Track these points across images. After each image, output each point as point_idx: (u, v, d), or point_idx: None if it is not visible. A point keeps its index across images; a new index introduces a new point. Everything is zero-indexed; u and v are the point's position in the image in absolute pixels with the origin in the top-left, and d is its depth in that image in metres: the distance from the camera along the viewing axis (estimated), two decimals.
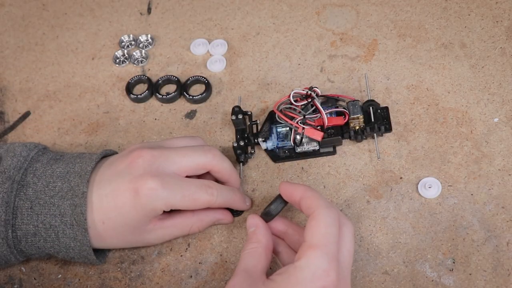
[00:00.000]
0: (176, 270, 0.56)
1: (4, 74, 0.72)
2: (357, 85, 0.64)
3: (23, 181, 0.53)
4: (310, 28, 0.69)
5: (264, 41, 0.69)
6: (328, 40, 0.68)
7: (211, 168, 0.54)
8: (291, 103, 0.59)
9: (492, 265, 0.52)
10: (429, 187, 0.56)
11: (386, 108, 0.60)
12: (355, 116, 0.59)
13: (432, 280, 0.52)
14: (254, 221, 0.51)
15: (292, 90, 0.59)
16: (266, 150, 0.61)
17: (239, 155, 0.59)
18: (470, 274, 0.52)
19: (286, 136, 0.61)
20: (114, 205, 0.52)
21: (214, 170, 0.55)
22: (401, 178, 0.57)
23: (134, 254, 0.57)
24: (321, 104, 0.60)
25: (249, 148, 0.61)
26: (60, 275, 0.57)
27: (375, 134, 0.59)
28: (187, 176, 0.54)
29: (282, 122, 0.59)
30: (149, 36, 0.72)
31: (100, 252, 0.56)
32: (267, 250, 0.50)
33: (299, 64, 0.67)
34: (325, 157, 0.60)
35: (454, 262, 0.52)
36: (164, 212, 0.53)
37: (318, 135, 0.58)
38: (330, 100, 0.61)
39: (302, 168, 0.60)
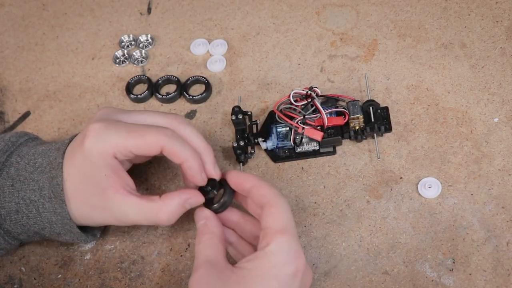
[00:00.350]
0: (176, 270, 0.56)
1: (4, 74, 0.72)
2: (357, 85, 0.64)
3: (7, 162, 0.53)
4: (310, 28, 0.69)
5: (264, 41, 0.69)
6: (328, 40, 0.68)
7: (173, 129, 0.51)
8: (291, 103, 0.59)
9: (492, 265, 0.52)
10: (429, 187, 0.56)
11: (386, 108, 0.60)
12: (355, 116, 0.59)
13: (432, 280, 0.52)
14: (203, 214, 0.50)
15: (292, 90, 0.59)
16: (266, 150, 0.61)
17: (239, 155, 0.59)
18: (470, 274, 0.52)
19: (286, 136, 0.61)
20: (72, 160, 0.50)
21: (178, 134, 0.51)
22: (401, 178, 0.57)
23: (134, 254, 0.57)
24: (321, 104, 0.60)
25: (249, 148, 0.61)
26: (60, 275, 0.57)
27: (375, 134, 0.59)
28: None
29: (282, 122, 0.59)
30: (149, 36, 0.72)
31: (91, 234, 0.55)
32: (221, 240, 0.49)
33: (299, 64, 0.67)
34: (325, 157, 0.60)
35: (454, 262, 0.52)
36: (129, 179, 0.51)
37: (318, 135, 0.58)
38: (330, 100, 0.61)
39: (302, 168, 0.60)
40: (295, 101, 0.59)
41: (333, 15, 0.70)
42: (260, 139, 0.60)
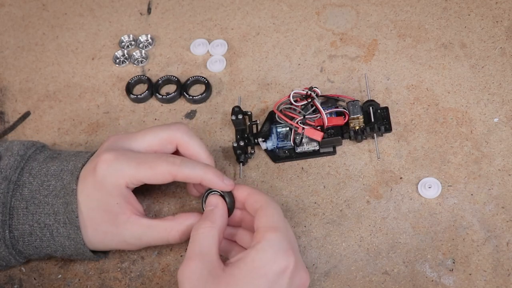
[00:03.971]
0: (176, 270, 0.56)
1: (4, 74, 0.72)
2: (357, 85, 0.64)
3: (19, 181, 0.53)
4: (310, 28, 0.69)
5: (264, 41, 0.69)
6: (328, 40, 0.68)
7: (176, 141, 0.53)
8: (291, 103, 0.59)
9: (492, 265, 0.52)
10: (429, 187, 0.56)
11: (386, 108, 0.60)
12: (355, 116, 0.59)
13: (432, 280, 0.52)
14: (215, 201, 0.50)
15: (292, 91, 0.59)
16: (266, 150, 0.61)
17: (239, 155, 0.59)
18: (470, 274, 0.52)
19: (286, 136, 0.61)
20: (83, 187, 0.51)
21: (180, 143, 0.53)
22: (401, 178, 0.57)
23: (134, 254, 0.57)
24: (321, 104, 0.60)
25: (249, 148, 0.61)
26: (60, 275, 0.57)
27: (375, 134, 0.59)
28: None
29: (282, 122, 0.59)
30: (149, 36, 0.72)
31: (102, 252, 0.56)
32: (220, 234, 0.48)
33: (299, 64, 0.67)
34: (325, 157, 0.60)
35: (454, 262, 0.53)
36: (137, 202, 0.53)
37: (318, 135, 0.58)
38: (330, 100, 0.61)
39: (302, 168, 0.60)
40: (295, 101, 0.59)
41: (333, 15, 0.70)
42: (260, 139, 0.60)
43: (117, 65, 0.70)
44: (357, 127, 0.59)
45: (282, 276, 0.45)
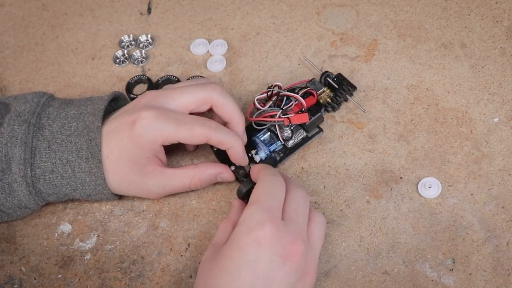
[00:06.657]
0: (176, 270, 0.56)
1: (4, 74, 0.72)
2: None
3: (38, 123, 0.55)
4: (310, 28, 0.69)
5: (264, 41, 0.69)
6: (328, 40, 0.68)
7: (212, 102, 0.56)
8: (258, 109, 0.58)
9: (492, 265, 0.52)
10: (429, 187, 0.56)
11: (339, 74, 0.62)
12: (321, 90, 0.60)
13: (432, 280, 0.52)
14: (233, 203, 0.55)
15: (254, 98, 0.58)
16: (261, 161, 0.59)
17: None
18: (470, 274, 0.52)
19: (272, 139, 0.60)
20: (117, 139, 0.54)
21: (215, 104, 0.56)
22: (401, 178, 0.57)
23: (134, 254, 0.57)
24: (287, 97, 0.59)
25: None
26: (60, 275, 0.57)
27: (347, 96, 0.61)
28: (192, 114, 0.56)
29: (264, 123, 0.58)
30: (149, 36, 0.72)
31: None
32: (235, 226, 0.51)
33: (299, 64, 0.67)
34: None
35: (454, 262, 0.53)
36: (165, 152, 0.56)
37: (305, 117, 0.58)
38: (291, 91, 0.60)
39: (302, 168, 0.60)
40: (262, 105, 0.58)
41: (333, 15, 0.70)
42: (252, 152, 0.59)
43: (117, 65, 0.70)
44: (328, 99, 0.60)
45: (258, 247, 0.46)
